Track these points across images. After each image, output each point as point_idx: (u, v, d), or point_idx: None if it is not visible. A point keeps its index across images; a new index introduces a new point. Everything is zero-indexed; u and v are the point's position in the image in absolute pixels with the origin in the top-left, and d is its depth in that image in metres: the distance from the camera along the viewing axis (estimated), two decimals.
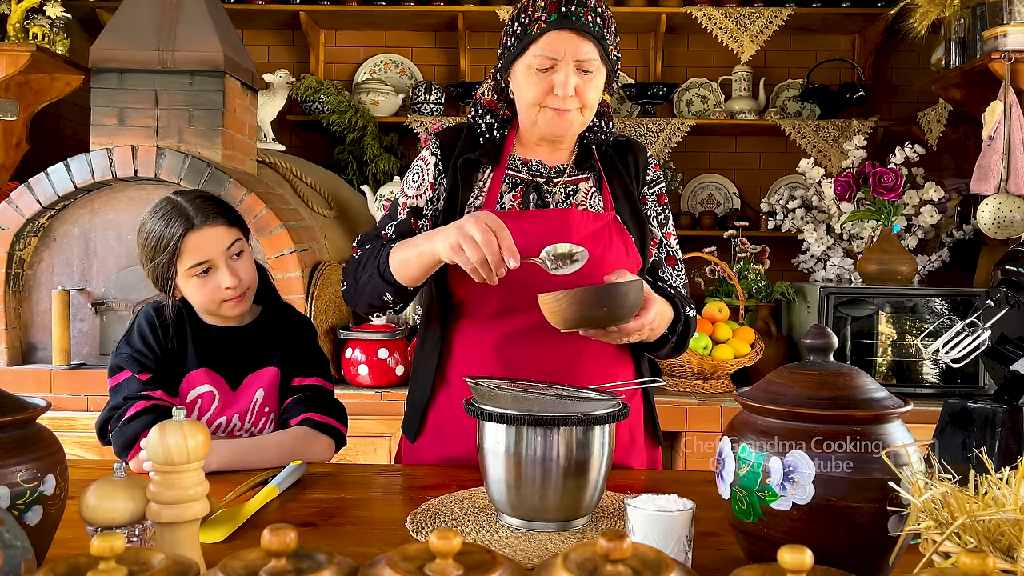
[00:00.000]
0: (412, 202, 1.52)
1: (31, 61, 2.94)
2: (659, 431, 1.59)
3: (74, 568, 0.62)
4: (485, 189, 1.48)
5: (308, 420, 1.54)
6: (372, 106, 3.84)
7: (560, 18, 1.36)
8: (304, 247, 2.87)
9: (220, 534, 1.08)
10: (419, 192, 1.52)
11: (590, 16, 1.37)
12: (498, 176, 1.49)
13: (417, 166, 1.54)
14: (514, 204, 1.48)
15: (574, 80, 1.38)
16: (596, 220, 1.46)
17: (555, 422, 1.07)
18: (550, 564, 0.63)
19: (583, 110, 1.42)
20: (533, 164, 1.51)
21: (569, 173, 1.51)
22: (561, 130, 1.43)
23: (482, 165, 1.50)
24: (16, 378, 2.77)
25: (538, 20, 1.38)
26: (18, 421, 0.88)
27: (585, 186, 1.51)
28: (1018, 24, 2.77)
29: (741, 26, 3.70)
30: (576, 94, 1.39)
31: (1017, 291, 1.34)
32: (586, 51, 1.38)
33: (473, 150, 1.51)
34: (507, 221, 1.36)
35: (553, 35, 1.37)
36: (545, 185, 1.49)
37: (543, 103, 1.41)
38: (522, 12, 1.41)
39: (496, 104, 1.52)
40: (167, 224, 1.50)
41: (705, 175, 4.08)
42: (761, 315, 3.22)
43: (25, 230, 2.81)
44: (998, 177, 2.78)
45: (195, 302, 1.56)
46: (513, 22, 1.43)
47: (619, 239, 1.46)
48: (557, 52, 1.37)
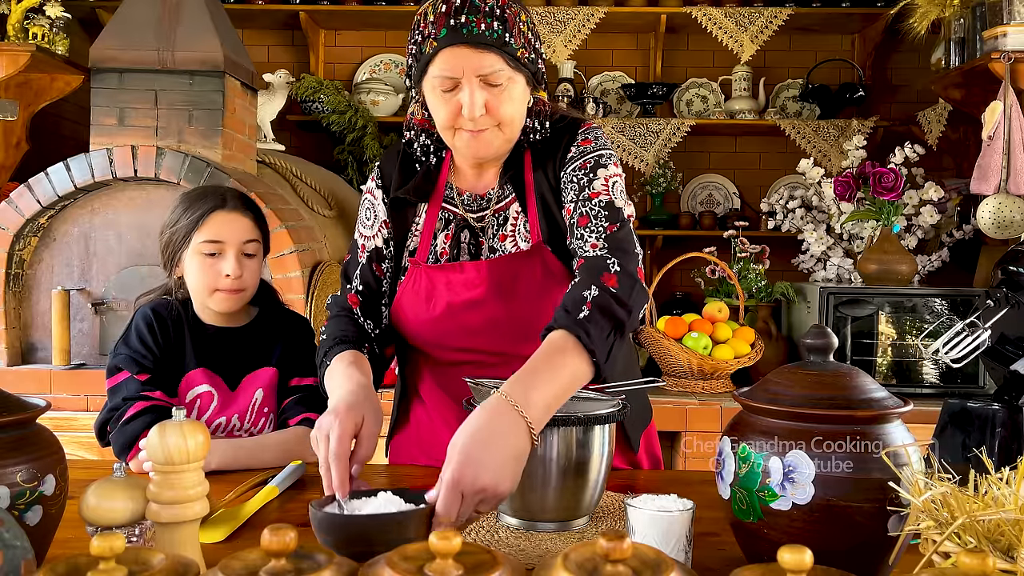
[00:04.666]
0: (369, 243, 1.42)
1: (31, 61, 2.94)
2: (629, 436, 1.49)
3: (74, 568, 0.62)
4: (419, 228, 1.41)
5: (307, 420, 1.55)
6: (372, 106, 3.84)
7: (450, 32, 1.21)
8: (304, 247, 2.87)
9: (220, 534, 1.08)
10: (374, 231, 1.42)
11: (484, 23, 1.21)
12: (432, 212, 1.40)
13: (367, 200, 1.44)
14: (446, 246, 1.38)
15: (481, 97, 1.23)
16: (525, 257, 1.34)
17: (555, 422, 1.06)
18: (550, 564, 0.63)
19: (501, 127, 1.28)
20: (466, 197, 1.40)
21: (496, 200, 1.39)
22: (482, 152, 1.31)
23: (412, 203, 1.41)
24: (16, 378, 2.77)
25: (429, 37, 1.23)
26: (18, 421, 0.88)
27: (515, 209, 1.38)
28: (1018, 24, 2.77)
29: (741, 26, 3.70)
30: (488, 112, 1.25)
31: (1017, 291, 1.34)
32: (488, 63, 1.22)
33: (408, 180, 1.41)
34: (440, 273, 1.35)
35: (447, 52, 1.22)
36: (476, 222, 1.39)
37: (455, 125, 1.27)
38: (416, 27, 1.27)
39: (429, 123, 1.37)
40: (201, 197, 1.59)
41: (705, 175, 4.08)
42: (761, 315, 3.22)
43: (25, 230, 2.81)
44: (998, 177, 2.78)
45: (192, 283, 1.57)
46: (410, 39, 1.28)
47: (550, 266, 1.33)
48: (455, 70, 1.22)
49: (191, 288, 1.58)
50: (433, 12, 1.23)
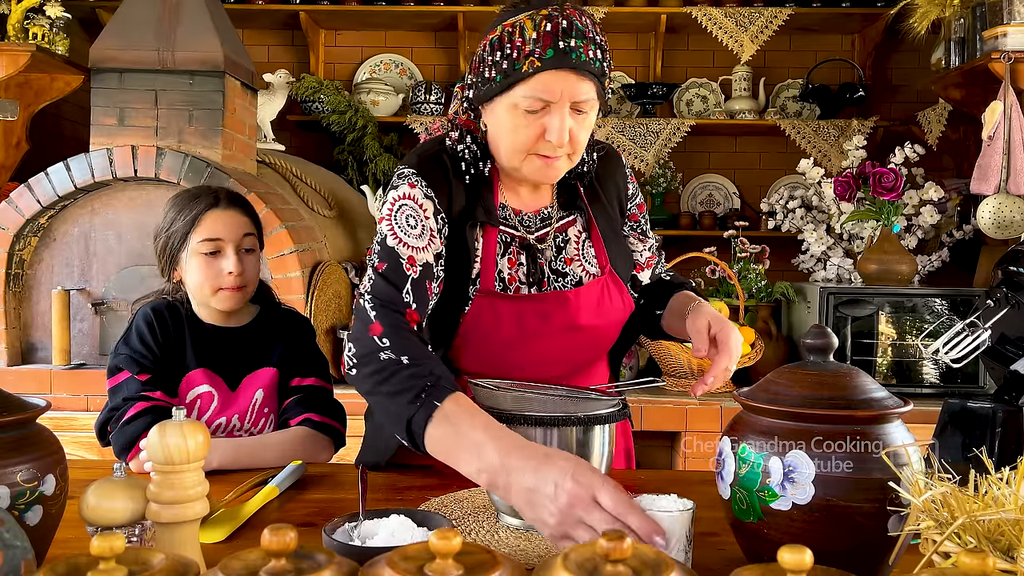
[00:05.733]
0: (420, 256, 1.25)
1: (31, 61, 2.95)
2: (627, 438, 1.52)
3: (74, 568, 0.62)
4: (479, 251, 1.32)
5: (308, 420, 1.55)
6: (372, 106, 3.84)
7: (558, 55, 1.16)
8: (304, 247, 2.87)
9: (220, 534, 1.08)
10: (424, 243, 1.26)
11: (591, 51, 1.19)
12: (491, 235, 1.32)
13: (407, 207, 1.27)
14: (512, 273, 1.33)
15: (569, 123, 1.21)
16: (597, 286, 1.35)
17: (555, 422, 1.06)
18: (550, 564, 0.63)
19: (572, 155, 1.27)
20: (522, 216, 1.36)
21: (556, 218, 1.38)
22: (548, 179, 1.29)
23: (479, 223, 1.32)
24: (16, 378, 2.77)
25: (530, 56, 1.18)
26: (18, 421, 0.88)
27: (574, 231, 1.39)
28: (1018, 24, 2.77)
29: (741, 26, 3.70)
30: (569, 139, 1.22)
31: (1017, 291, 1.34)
32: (584, 91, 1.20)
33: (467, 196, 1.31)
34: (510, 304, 1.29)
35: (549, 75, 1.18)
36: (537, 243, 1.35)
37: (532, 150, 1.24)
38: (508, 42, 1.20)
39: (474, 124, 1.33)
40: (193, 198, 1.58)
41: (705, 175, 4.08)
42: (761, 315, 3.22)
43: (25, 230, 2.81)
44: (998, 177, 2.78)
45: (193, 284, 1.56)
46: (495, 51, 1.21)
47: (617, 294, 1.38)
48: (553, 94, 1.18)
49: (192, 289, 1.58)
50: (535, 30, 1.18)
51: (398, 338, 1.15)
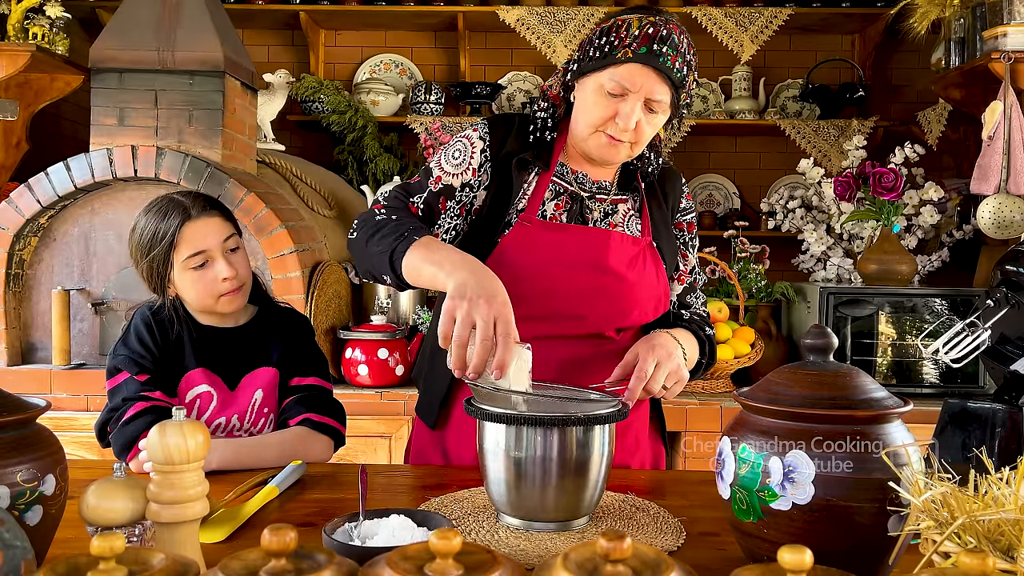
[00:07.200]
0: (448, 179, 1.46)
1: (31, 61, 2.94)
2: (664, 429, 1.59)
3: (74, 568, 0.62)
4: (529, 192, 1.46)
5: (307, 420, 1.54)
6: (372, 106, 3.84)
7: (648, 53, 1.33)
8: (304, 247, 2.87)
9: (220, 534, 1.08)
10: (459, 171, 1.46)
11: (678, 62, 1.35)
12: (544, 181, 1.47)
13: (460, 143, 1.49)
14: (556, 214, 1.46)
15: (639, 115, 1.36)
16: (634, 244, 1.46)
17: (555, 422, 1.06)
18: (550, 564, 0.63)
19: (634, 146, 1.41)
20: (579, 176, 1.49)
21: (612, 192, 1.51)
22: (608, 158, 1.43)
23: (531, 166, 1.47)
24: (16, 378, 2.77)
25: (626, 47, 1.34)
26: (18, 421, 0.88)
27: (624, 207, 1.51)
28: (1018, 24, 2.77)
29: (741, 26, 3.70)
30: (635, 129, 1.38)
31: (1017, 291, 1.34)
32: (660, 92, 1.36)
33: (523, 146, 1.48)
34: (548, 233, 1.42)
35: (635, 67, 1.34)
36: (588, 200, 1.48)
37: (601, 127, 1.39)
38: (613, 30, 1.37)
39: (560, 100, 1.50)
40: (163, 217, 1.52)
41: (705, 175, 4.08)
42: (761, 315, 3.22)
43: (25, 230, 2.81)
44: (998, 177, 2.78)
45: (191, 297, 1.55)
46: (602, 35, 1.39)
47: (652, 265, 1.47)
48: (633, 84, 1.35)
49: (192, 303, 1.56)
50: (639, 28, 1.35)
51: (393, 209, 1.42)
